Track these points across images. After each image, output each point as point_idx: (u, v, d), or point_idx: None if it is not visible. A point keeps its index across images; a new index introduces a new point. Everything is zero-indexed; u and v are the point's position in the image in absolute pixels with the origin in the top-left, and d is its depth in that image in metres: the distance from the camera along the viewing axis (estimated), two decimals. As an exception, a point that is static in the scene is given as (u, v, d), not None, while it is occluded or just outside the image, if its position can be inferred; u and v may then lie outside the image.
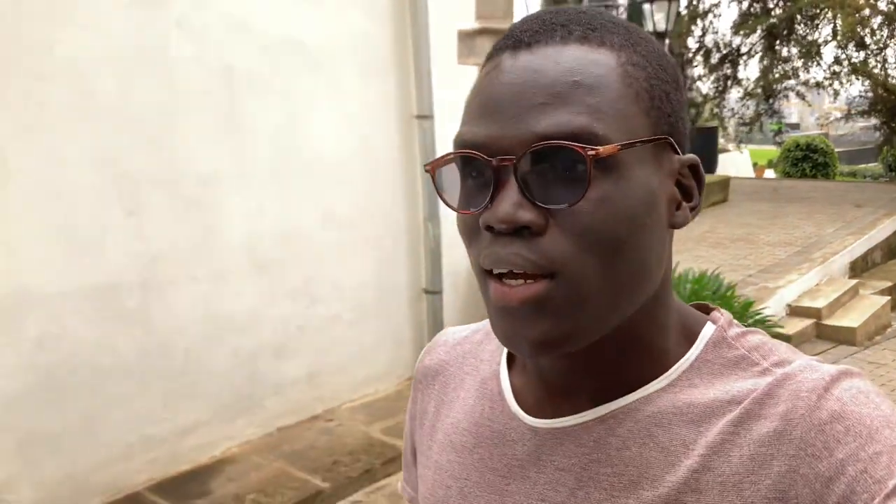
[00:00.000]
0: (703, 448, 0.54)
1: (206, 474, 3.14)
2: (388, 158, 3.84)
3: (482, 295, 0.56)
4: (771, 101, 13.02)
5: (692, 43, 12.76)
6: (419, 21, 3.77)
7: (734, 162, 15.38)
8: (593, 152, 0.50)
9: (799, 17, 12.04)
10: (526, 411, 0.62)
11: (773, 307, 5.52)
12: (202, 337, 3.17)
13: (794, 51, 12.84)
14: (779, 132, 15.97)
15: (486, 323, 0.71)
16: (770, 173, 17.41)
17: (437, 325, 3.92)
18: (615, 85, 0.53)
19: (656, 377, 0.58)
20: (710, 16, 12.83)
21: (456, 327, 0.77)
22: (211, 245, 3.19)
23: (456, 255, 4.06)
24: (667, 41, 6.25)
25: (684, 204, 0.58)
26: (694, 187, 0.58)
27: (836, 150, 16.42)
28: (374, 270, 3.82)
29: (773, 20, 12.24)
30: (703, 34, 12.80)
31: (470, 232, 0.56)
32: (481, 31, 4.08)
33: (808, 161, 15.14)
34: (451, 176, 0.57)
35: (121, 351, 2.95)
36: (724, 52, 12.85)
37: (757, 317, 4.96)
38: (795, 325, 5.61)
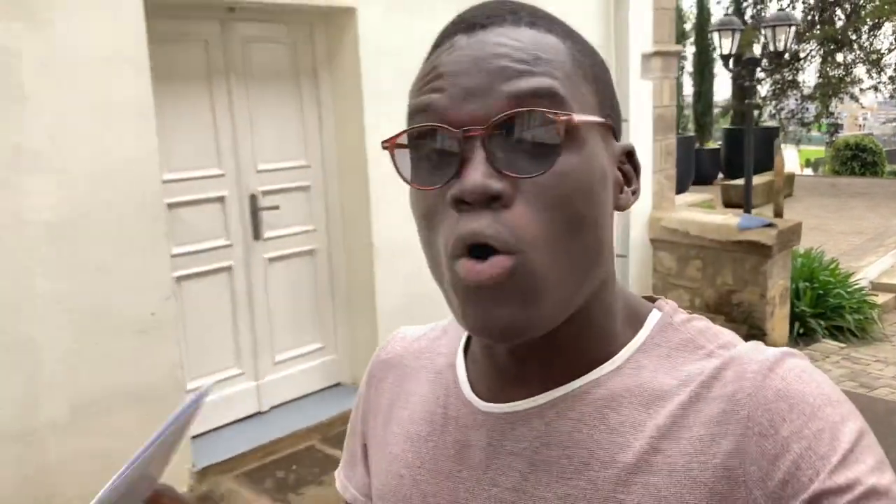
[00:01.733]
0: (653, 430, 0.54)
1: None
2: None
3: (442, 283, 0.55)
4: (829, 104, 14.07)
5: (757, 49, 13.82)
6: (621, 45, 4.94)
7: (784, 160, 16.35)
8: (566, 116, 0.50)
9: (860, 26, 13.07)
10: (480, 398, 0.62)
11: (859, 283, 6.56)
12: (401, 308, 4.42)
13: (850, 57, 13.87)
14: (836, 131, 17.04)
15: (442, 323, 0.73)
16: (807, 171, 18.35)
17: (623, 280, 5.12)
18: (569, 64, 0.54)
19: (605, 361, 0.58)
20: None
21: (411, 326, 0.77)
22: (362, 228, 4.35)
23: (638, 230, 5.26)
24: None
25: (625, 188, 0.59)
26: (632, 172, 0.60)
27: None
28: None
29: (832, 28, 13.25)
30: (768, 42, 13.84)
31: (431, 211, 0.54)
32: (655, 53, 5.28)
33: (857, 160, 16.12)
34: (403, 153, 0.55)
35: (443, 286, 4.20)
36: (787, 57, 13.89)
37: (855, 286, 6.05)
38: (880, 298, 6.64)
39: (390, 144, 0.56)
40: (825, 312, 5.64)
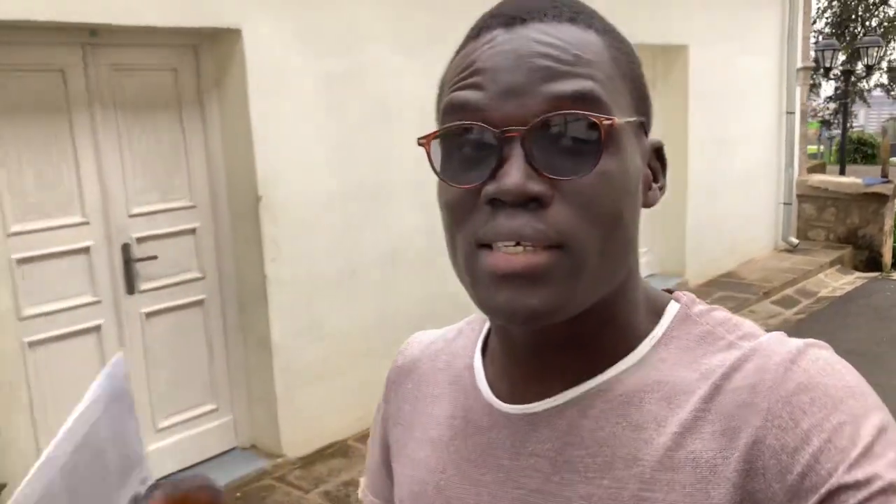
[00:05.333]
0: (676, 426, 0.54)
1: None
2: (772, 136, 7.38)
3: (465, 272, 0.55)
4: (849, 104, 17.00)
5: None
6: (791, 63, 7.33)
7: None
8: (609, 121, 0.51)
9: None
10: (500, 399, 0.62)
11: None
12: (697, 227, 6.72)
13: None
14: (851, 127, 20.07)
15: (457, 325, 0.74)
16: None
17: (788, 223, 7.51)
18: (607, 63, 0.55)
19: (625, 356, 0.58)
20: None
21: (427, 330, 0.77)
22: (682, 176, 6.31)
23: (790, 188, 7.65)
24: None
25: (653, 184, 0.60)
26: (659, 168, 0.61)
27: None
28: (761, 192, 7.32)
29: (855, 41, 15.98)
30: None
31: (463, 207, 0.54)
32: (802, 69, 7.76)
33: (859, 152, 18.95)
34: (435, 148, 0.55)
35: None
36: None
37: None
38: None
39: (427, 142, 0.56)
40: (909, 249, 8.11)
